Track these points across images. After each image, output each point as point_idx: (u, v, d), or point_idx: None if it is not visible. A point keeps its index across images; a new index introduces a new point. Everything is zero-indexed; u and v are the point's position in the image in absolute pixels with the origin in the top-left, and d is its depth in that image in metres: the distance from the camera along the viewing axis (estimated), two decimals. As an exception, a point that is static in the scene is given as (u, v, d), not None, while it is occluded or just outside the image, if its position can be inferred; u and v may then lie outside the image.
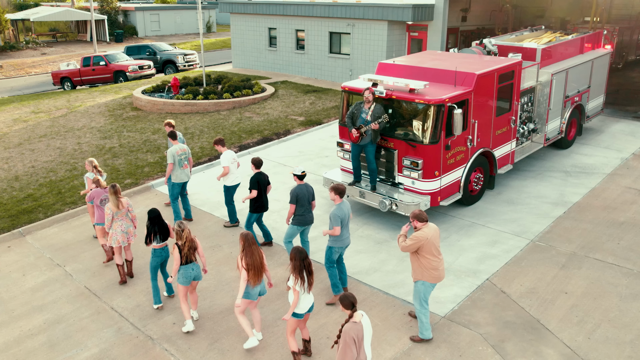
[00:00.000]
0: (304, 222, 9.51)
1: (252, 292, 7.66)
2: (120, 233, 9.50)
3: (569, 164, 14.50)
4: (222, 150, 11.28)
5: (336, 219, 8.49)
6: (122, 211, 9.49)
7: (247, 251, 7.48)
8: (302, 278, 7.00)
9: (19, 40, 48.97)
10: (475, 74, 11.15)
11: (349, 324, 5.97)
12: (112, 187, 9.41)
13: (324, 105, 21.27)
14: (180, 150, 11.55)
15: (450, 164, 11.13)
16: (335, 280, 8.88)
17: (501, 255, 10.20)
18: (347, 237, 8.75)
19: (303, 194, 9.31)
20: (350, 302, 6.01)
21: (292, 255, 7.07)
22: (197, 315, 8.65)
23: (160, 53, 32.79)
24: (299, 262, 7.00)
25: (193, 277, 8.17)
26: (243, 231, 7.65)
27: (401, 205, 10.81)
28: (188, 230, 8.02)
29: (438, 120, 10.54)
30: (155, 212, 8.76)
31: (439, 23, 22.42)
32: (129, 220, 9.65)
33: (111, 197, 9.39)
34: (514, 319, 8.40)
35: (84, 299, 9.40)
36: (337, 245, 8.71)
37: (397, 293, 9.16)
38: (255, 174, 10.21)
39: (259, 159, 10.24)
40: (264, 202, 10.35)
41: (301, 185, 9.39)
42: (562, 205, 12.14)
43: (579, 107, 15.50)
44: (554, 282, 9.31)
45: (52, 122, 20.18)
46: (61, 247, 11.17)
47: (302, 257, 7.02)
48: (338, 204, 8.61)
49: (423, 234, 7.55)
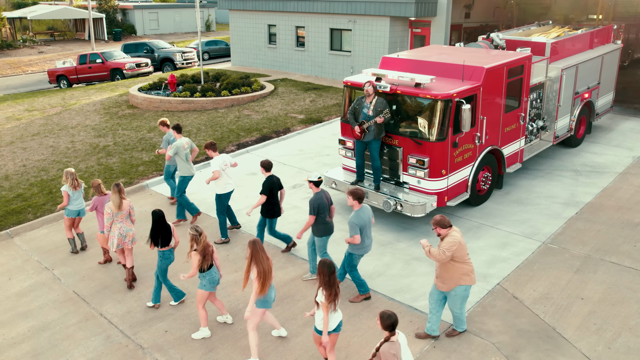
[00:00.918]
0: (329, 230, 8.88)
1: (269, 298, 7.17)
2: (117, 236, 8.97)
3: (579, 163, 13.99)
4: (213, 155, 10.48)
5: (354, 227, 8.06)
6: (123, 212, 9.02)
7: (257, 258, 6.95)
8: (332, 294, 6.49)
9: (16, 38, 48.47)
10: (484, 68, 10.64)
11: (388, 343, 5.63)
12: (115, 185, 8.97)
13: (324, 102, 20.76)
14: (186, 143, 11.28)
15: (458, 162, 10.62)
16: (360, 280, 8.55)
17: (512, 258, 9.69)
18: (368, 244, 8.32)
19: (323, 203, 8.67)
20: (392, 323, 5.64)
21: (320, 270, 6.57)
22: (231, 318, 8.22)
23: (158, 51, 32.28)
24: (328, 277, 6.50)
25: (218, 280, 7.79)
26: (251, 238, 7.13)
27: (406, 206, 10.30)
28: (205, 235, 7.59)
29: (445, 116, 10.03)
30: (159, 214, 8.31)
31: (442, 19, 21.92)
32: (130, 223, 9.15)
33: (113, 196, 8.94)
34: (528, 326, 7.88)
35: (72, 304, 8.89)
36: (358, 252, 8.32)
37: (402, 299, 8.65)
38: (267, 178, 9.59)
39: (269, 161, 9.69)
40: (275, 207, 9.72)
41: (319, 193, 8.74)
42: (573, 205, 11.63)
43: (588, 104, 14.99)
44: (569, 287, 8.80)
45: (46, 120, 19.66)
46: (50, 250, 10.66)
47: (331, 271, 6.54)
48: (356, 210, 8.13)
49: (457, 237, 7.16)
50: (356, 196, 8.08)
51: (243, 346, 7.68)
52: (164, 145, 12.02)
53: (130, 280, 9.23)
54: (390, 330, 5.64)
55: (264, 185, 9.52)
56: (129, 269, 9.23)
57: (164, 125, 12.20)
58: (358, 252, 8.30)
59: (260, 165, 9.67)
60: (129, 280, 9.22)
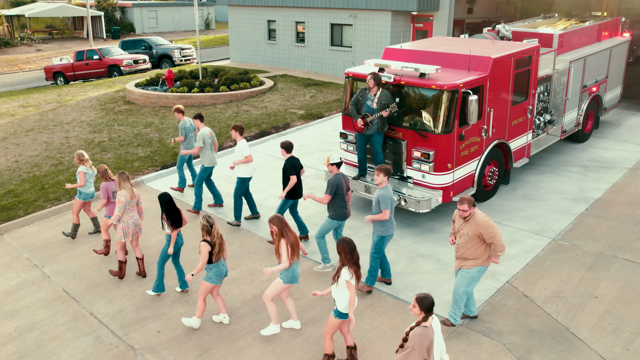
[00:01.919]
0: (343, 215, 8.68)
1: (296, 274, 7.14)
2: (132, 225, 8.80)
3: (587, 158, 13.58)
4: (238, 139, 10.46)
5: (386, 201, 7.74)
6: (134, 201, 8.81)
7: (286, 232, 6.97)
8: (358, 271, 6.35)
9: (14, 36, 48.05)
10: (492, 58, 10.24)
11: (420, 327, 5.22)
12: (122, 173, 8.73)
13: (325, 98, 20.35)
14: (210, 132, 11.17)
15: (464, 156, 10.22)
16: (376, 271, 8.25)
17: (521, 255, 9.29)
18: (394, 223, 8.08)
19: (342, 185, 8.48)
20: (429, 304, 5.26)
21: (341, 248, 6.36)
22: (228, 319, 7.81)
23: (156, 47, 31.84)
24: (351, 255, 6.32)
25: (225, 273, 7.55)
26: (274, 215, 7.04)
27: (410, 201, 9.90)
28: (217, 227, 7.34)
29: (451, 108, 9.63)
30: (168, 197, 8.06)
31: (444, 13, 21.52)
32: (137, 212, 8.96)
33: (125, 184, 8.70)
34: (540, 326, 7.48)
35: (61, 303, 8.48)
36: (388, 233, 7.99)
37: (408, 297, 8.24)
38: (288, 159, 9.40)
39: (290, 142, 9.46)
40: (298, 187, 9.54)
41: (339, 174, 8.55)
42: (583, 201, 11.23)
43: (596, 98, 14.59)
44: (582, 285, 8.39)
45: (41, 116, 19.26)
46: (40, 247, 10.26)
47: (352, 248, 6.36)
48: (385, 186, 7.85)
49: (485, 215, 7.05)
50: (387, 172, 7.83)
51: (239, 347, 7.27)
52: (182, 133, 11.75)
53: (144, 270, 9.07)
54: (427, 312, 5.24)
55: (286, 166, 9.36)
56: (140, 259, 9.06)
57: (178, 112, 11.89)
58: (388, 232, 7.98)
59: (281, 147, 9.43)
60: (142, 271, 9.06)
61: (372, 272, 8.23)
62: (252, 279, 8.90)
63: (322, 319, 7.75)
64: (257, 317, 7.84)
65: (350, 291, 6.27)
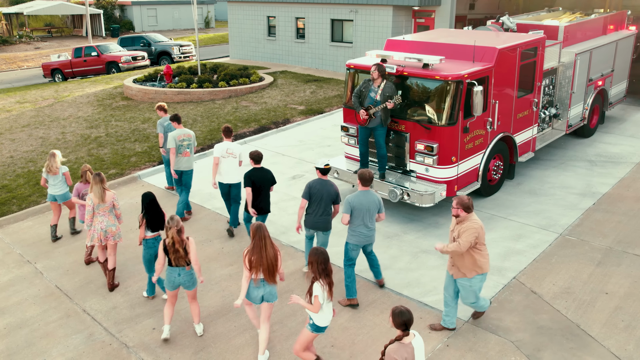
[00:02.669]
0: (311, 224, 7.93)
1: (250, 290, 6.40)
2: (99, 231, 8.18)
3: (593, 153, 13.30)
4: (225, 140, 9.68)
5: (346, 205, 7.39)
6: (105, 205, 8.18)
7: (256, 246, 6.23)
8: (328, 284, 5.89)
9: (12, 34, 47.79)
10: (497, 48, 9.97)
11: (396, 344, 4.83)
12: (96, 175, 8.15)
13: (325, 94, 20.07)
14: (183, 135, 10.19)
15: (468, 149, 9.94)
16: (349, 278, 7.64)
17: (528, 250, 9.02)
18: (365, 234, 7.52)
19: (318, 191, 7.77)
20: (404, 321, 4.84)
21: (312, 258, 5.89)
22: (201, 329, 7.28)
23: (155, 44, 31.54)
24: (324, 265, 5.86)
25: (179, 284, 6.90)
26: (256, 222, 6.36)
27: (414, 195, 9.62)
28: (175, 230, 6.67)
29: (456, 99, 9.35)
30: (149, 197, 7.63)
31: (446, 9, 21.24)
32: (113, 218, 8.30)
33: (95, 187, 8.10)
34: (549, 323, 7.21)
35: (53, 299, 8.21)
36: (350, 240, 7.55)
37: (411, 293, 7.97)
38: (249, 171, 8.63)
39: (257, 152, 8.65)
40: (259, 203, 8.67)
41: (318, 180, 7.86)
42: (590, 196, 10.95)
43: (602, 92, 14.31)
44: (591, 280, 8.12)
45: (37, 112, 18.98)
46: (34, 242, 9.99)
47: (325, 259, 5.88)
48: (359, 190, 7.45)
49: (477, 222, 6.54)
50: (360, 176, 7.37)
51: (237, 345, 7.00)
52: (159, 130, 11.33)
53: (112, 283, 8.35)
54: (403, 329, 4.89)
55: (244, 177, 8.62)
56: (110, 270, 8.35)
57: (161, 110, 11.42)
58: (350, 239, 7.48)
59: (249, 157, 8.67)
60: (110, 283, 8.35)
61: (345, 282, 7.63)
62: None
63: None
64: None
65: (314, 307, 5.85)
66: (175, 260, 6.75)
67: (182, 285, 6.91)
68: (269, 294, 6.44)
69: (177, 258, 6.74)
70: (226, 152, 9.52)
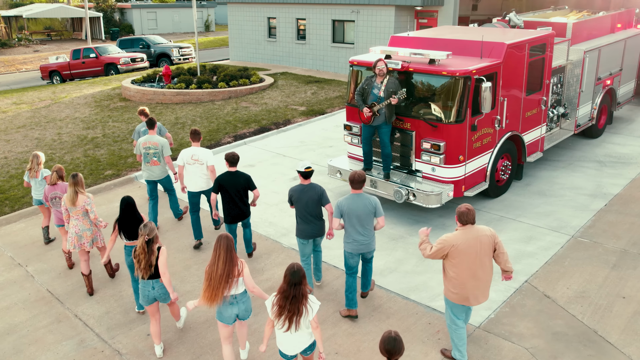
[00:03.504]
0: (302, 233, 7.41)
1: (222, 309, 5.84)
2: (72, 235, 7.78)
3: (602, 154, 12.95)
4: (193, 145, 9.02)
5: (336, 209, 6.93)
6: (77, 209, 7.72)
7: (211, 259, 5.68)
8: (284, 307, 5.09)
9: (12, 37, 47.54)
10: (505, 44, 9.63)
11: None
12: (72, 177, 7.68)
13: (326, 95, 19.75)
14: (149, 142, 9.41)
15: (476, 147, 9.60)
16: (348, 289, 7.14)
17: (539, 253, 8.65)
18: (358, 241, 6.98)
19: (298, 198, 7.27)
20: (387, 349, 4.44)
21: (285, 272, 5.20)
22: (182, 323, 7.02)
23: (155, 46, 31.25)
24: (288, 286, 5.09)
25: (154, 298, 6.37)
26: (221, 234, 5.76)
27: (420, 195, 9.27)
28: (143, 239, 6.09)
29: (464, 95, 9.01)
30: (126, 201, 7.12)
31: (449, 9, 20.95)
32: (89, 222, 7.83)
33: (69, 189, 7.69)
34: (565, 329, 6.84)
35: (44, 304, 7.85)
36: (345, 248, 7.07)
37: (418, 298, 7.61)
38: (220, 174, 8.13)
39: (232, 154, 8.07)
40: (229, 209, 8.17)
41: (300, 185, 7.32)
42: (601, 197, 10.60)
43: (610, 91, 13.97)
44: (607, 284, 7.75)
45: (33, 113, 18.66)
46: (26, 245, 9.64)
47: (296, 280, 5.08)
48: (351, 193, 6.94)
49: (449, 238, 5.90)
50: (350, 178, 6.79)
51: (236, 352, 6.63)
52: (134, 137, 10.76)
53: (90, 287, 7.98)
54: (386, 357, 4.43)
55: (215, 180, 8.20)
56: (87, 276, 7.94)
57: (142, 114, 10.61)
58: (345, 247, 6.99)
59: (224, 159, 8.14)
60: (88, 288, 7.97)
61: (345, 291, 7.15)
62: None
63: (326, 320, 7.12)
64: (255, 320, 7.19)
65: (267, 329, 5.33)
66: (139, 270, 6.19)
67: (157, 299, 6.38)
68: (244, 310, 5.93)
69: (140, 269, 6.17)
70: (191, 159, 8.91)
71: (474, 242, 5.85)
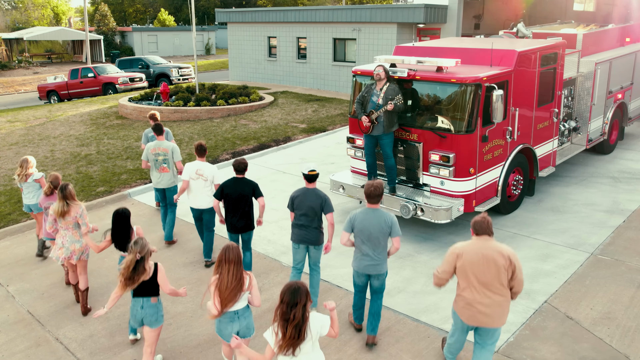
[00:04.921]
0: (294, 236, 7.04)
1: (222, 325, 5.35)
2: (59, 246, 7.26)
3: (615, 170, 12.43)
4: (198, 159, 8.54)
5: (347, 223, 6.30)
6: (67, 220, 7.21)
7: (217, 267, 5.20)
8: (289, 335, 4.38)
9: (12, 59, 47.52)
10: (516, 51, 9.19)
11: None
12: (60, 190, 7.16)
13: (328, 112, 19.32)
14: (158, 148, 9.22)
15: (487, 160, 9.07)
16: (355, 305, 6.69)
17: (557, 271, 8.06)
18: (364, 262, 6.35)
19: (300, 202, 6.88)
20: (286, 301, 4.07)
21: (280, 293, 4.47)
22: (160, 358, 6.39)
23: (154, 66, 31.01)
24: (287, 308, 4.38)
25: (141, 318, 5.77)
26: (226, 244, 5.29)
27: (428, 210, 8.71)
28: (133, 256, 5.54)
29: (474, 104, 8.52)
30: (117, 213, 6.66)
31: (452, 26, 20.68)
32: (78, 234, 7.30)
33: (58, 203, 7.18)
34: (592, 353, 6.22)
35: (24, 326, 7.23)
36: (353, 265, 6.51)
37: (430, 320, 7.00)
38: (225, 181, 7.70)
39: (239, 161, 7.59)
40: (233, 220, 7.68)
41: (303, 189, 6.97)
42: (618, 213, 10.04)
43: (621, 105, 13.52)
44: (634, 305, 7.15)
45: (27, 131, 18.20)
46: (9, 263, 9.05)
47: (294, 300, 4.38)
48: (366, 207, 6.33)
49: (455, 247, 5.45)
50: (366, 192, 6.14)
51: (230, 379, 6.00)
52: (143, 141, 10.46)
53: (85, 306, 7.40)
54: None
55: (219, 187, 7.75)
56: (83, 292, 7.38)
57: (152, 119, 10.55)
58: (352, 263, 6.39)
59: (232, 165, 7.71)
60: (83, 306, 7.40)
61: (352, 307, 6.73)
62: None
63: (330, 345, 6.49)
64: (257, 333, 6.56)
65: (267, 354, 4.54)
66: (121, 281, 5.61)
67: (143, 319, 5.76)
68: (246, 327, 5.40)
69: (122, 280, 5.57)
70: (195, 174, 8.42)
71: (485, 253, 5.28)
